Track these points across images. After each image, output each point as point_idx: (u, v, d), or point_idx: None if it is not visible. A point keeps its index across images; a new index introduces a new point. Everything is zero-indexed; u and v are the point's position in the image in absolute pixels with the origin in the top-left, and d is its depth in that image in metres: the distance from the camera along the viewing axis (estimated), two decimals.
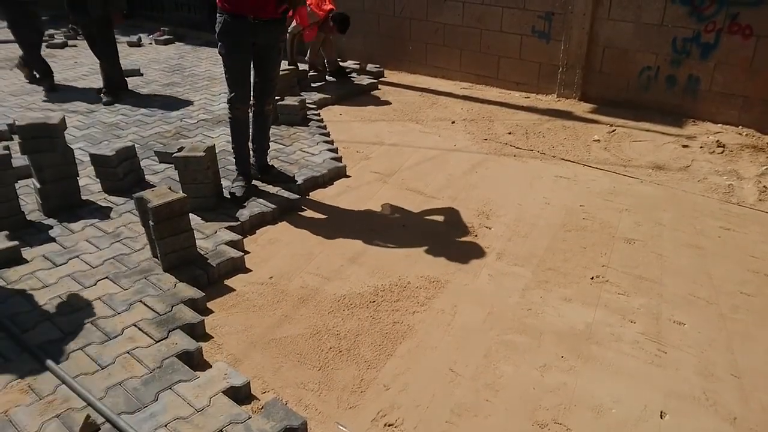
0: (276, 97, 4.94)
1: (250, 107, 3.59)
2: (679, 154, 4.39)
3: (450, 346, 2.50)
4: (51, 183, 3.33)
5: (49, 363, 2.23)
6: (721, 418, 2.13)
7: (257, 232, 3.38)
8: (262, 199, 3.55)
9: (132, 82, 5.99)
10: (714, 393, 2.24)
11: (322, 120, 5.08)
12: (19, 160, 3.54)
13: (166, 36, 8.16)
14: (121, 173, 3.64)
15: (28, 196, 3.55)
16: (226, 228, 3.23)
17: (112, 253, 3.01)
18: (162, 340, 2.39)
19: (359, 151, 4.50)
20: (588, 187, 3.89)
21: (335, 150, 4.40)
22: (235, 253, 3.02)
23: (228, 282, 2.92)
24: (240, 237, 3.20)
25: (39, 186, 3.32)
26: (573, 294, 2.82)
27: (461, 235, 3.34)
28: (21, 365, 2.26)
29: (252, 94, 3.58)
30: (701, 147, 4.45)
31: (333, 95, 5.68)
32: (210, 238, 3.14)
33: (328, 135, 4.72)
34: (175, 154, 3.36)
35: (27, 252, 3.00)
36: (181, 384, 2.16)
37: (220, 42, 3.33)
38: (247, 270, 3.02)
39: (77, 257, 2.97)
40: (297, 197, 3.65)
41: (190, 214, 2.91)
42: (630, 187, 3.89)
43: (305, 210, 3.63)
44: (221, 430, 1.97)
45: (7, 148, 3.23)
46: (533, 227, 3.41)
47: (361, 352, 2.46)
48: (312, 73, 6.13)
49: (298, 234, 3.37)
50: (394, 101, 5.72)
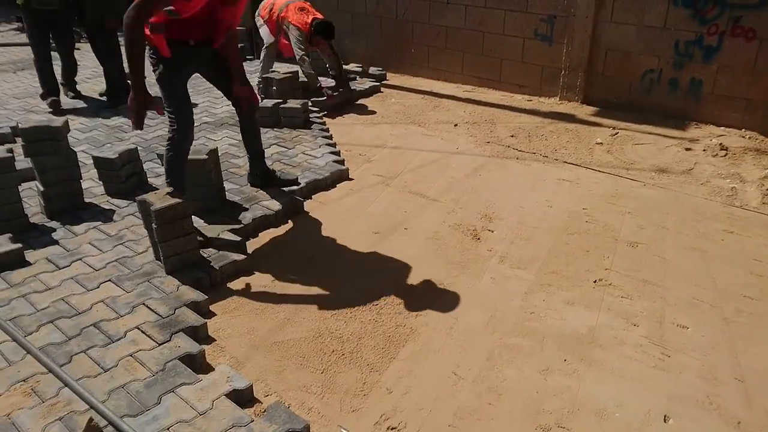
0: (278, 100, 4.98)
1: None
2: (682, 157, 4.38)
3: (453, 349, 2.49)
4: (54, 186, 3.34)
5: (52, 366, 2.24)
6: (725, 421, 2.13)
7: (260, 234, 3.38)
8: (265, 202, 3.56)
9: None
10: (718, 397, 2.23)
11: (324, 123, 5.08)
12: (23, 162, 3.55)
13: None
14: (124, 176, 3.65)
15: (31, 198, 3.56)
16: (228, 230, 3.23)
17: (114, 256, 3.02)
18: (165, 342, 2.40)
19: (362, 154, 4.50)
20: (591, 190, 3.89)
21: (338, 153, 4.40)
22: (238, 256, 3.03)
23: (231, 285, 2.92)
24: (243, 239, 3.20)
25: (42, 189, 3.33)
26: (576, 297, 2.82)
27: (464, 238, 3.33)
28: (24, 368, 2.26)
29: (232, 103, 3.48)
30: (704, 150, 4.45)
31: (337, 101, 5.59)
32: (213, 240, 3.14)
33: (330, 138, 4.72)
34: None
35: (30, 254, 3.01)
36: (184, 387, 2.16)
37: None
38: (250, 273, 3.02)
39: (80, 260, 2.98)
40: (300, 200, 3.65)
41: (192, 216, 2.92)
42: (633, 190, 3.88)
43: (308, 213, 3.63)
44: None
45: (11, 150, 3.23)
46: (536, 230, 3.40)
47: (364, 355, 2.46)
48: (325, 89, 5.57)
49: (300, 237, 3.38)
50: (396, 104, 5.72)
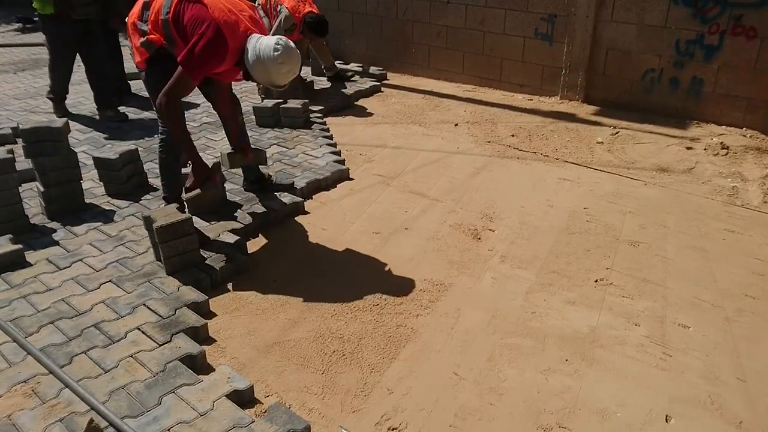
0: (278, 100, 4.97)
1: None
2: (683, 156, 4.37)
3: (453, 349, 2.49)
4: (54, 186, 3.33)
5: (53, 367, 2.23)
6: (727, 421, 2.12)
7: (260, 234, 3.38)
8: (265, 202, 3.55)
9: (135, 85, 6.00)
10: (719, 396, 2.23)
11: (325, 123, 5.08)
12: (23, 163, 3.55)
13: None
14: (125, 176, 3.65)
15: (31, 199, 3.56)
16: (229, 231, 3.23)
17: (115, 257, 3.01)
18: (165, 343, 2.39)
19: (362, 154, 4.50)
20: (591, 190, 3.88)
21: (338, 153, 4.40)
22: (238, 257, 3.02)
23: (231, 285, 2.92)
24: (243, 239, 3.20)
25: (42, 189, 3.33)
26: (577, 297, 2.81)
27: (464, 238, 3.33)
28: (24, 369, 2.26)
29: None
30: (705, 149, 4.44)
31: (335, 102, 5.55)
32: (214, 241, 3.14)
33: (331, 138, 4.72)
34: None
35: (30, 255, 3.01)
36: (185, 388, 2.16)
37: None
38: (251, 273, 3.01)
39: (81, 260, 2.98)
40: (300, 200, 3.65)
41: (193, 217, 2.91)
42: (634, 190, 3.88)
43: (308, 213, 3.63)
44: None
45: (11, 151, 3.23)
46: (536, 230, 3.40)
47: (365, 355, 2.46)
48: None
49: (301, 237, 3.37)
50: (396, 104, 5.72)
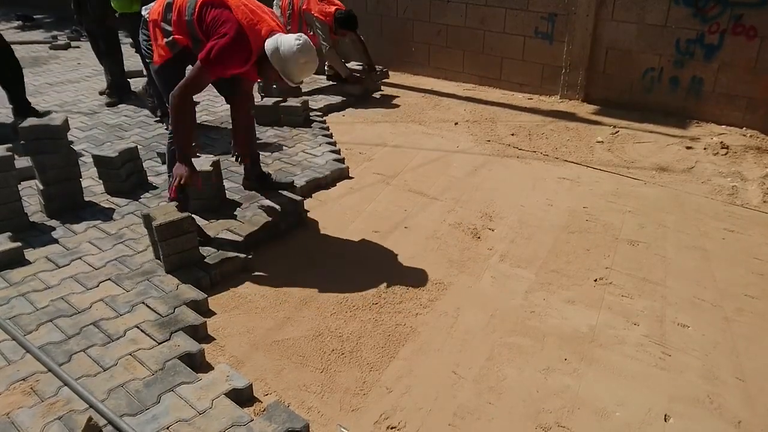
0: (278, 98, 4.97)
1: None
2: (683, 155, 4.37)
3: (453, 348, 2.49)
4: (54, 184, 3.33)
5: (52, 365, 2.23)
6: (726, 421, 2.12)
7: (260, 233, 3.37)
8: (264, 201, 3.55)
9: (135, 83, 6.00)
10: (718, 396, 2.23)
11: (324, 121, 5.07)
12: (22, 161, 3.55)
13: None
14: (124, 175, 3.64)
15: (31, 197, 3.56)
16: (228, 230, 3.23)
17: (114, 255, 3.01)
18: (164, 341, 2.39)
19: (362, 153, 4.49)
20: (591, 189, 3.88)
21: (338, 151, 4.40)
22: (237, 255, 3.02)
23: (230, 284, 2.91)
24: (242, 238, 3.19)
25: (42, 187, 3.32)
26: (576, 296, 2.81)
27: (464, 237, 3.33)
28: (23, 367, 2.26)
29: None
30: (705, 148, 4.44)
31: (338, 101, 5.56)
32: (212, 239, 3.13)
33: (330, 136, 4.72)
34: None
35: (30, 253, 3.00)
36: (184, 386, 2.16)
37: None
38: (250, 271, 3.01)
39: (80, 259, 2.98)
40: (300, 198, 3.64)
41: (192, 215, 2.91)
42: (633, 189, 3.88)
43: (308, 211, 3.62)
44: None
45: (11, 149, 3.23)
46: (536, 229, 3.40)
47: (364, 354, 2.46)
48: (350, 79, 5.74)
49: (300, 235, 3.37)
50: (396, 103, 5.71)
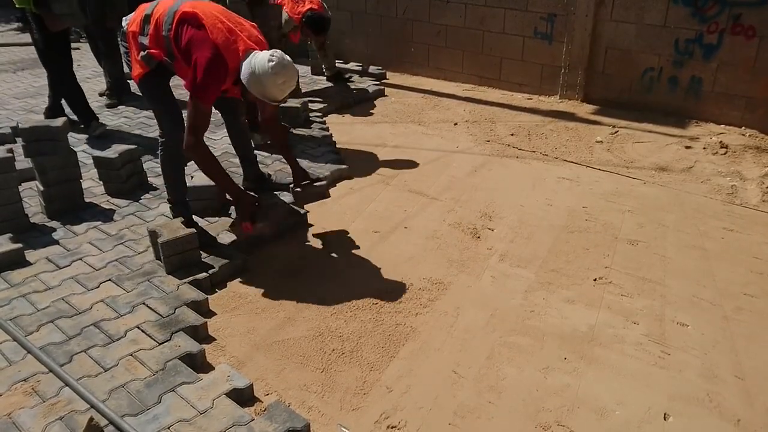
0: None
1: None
2: (682, 155, 4.38)
3: (453, 348, 2.50)
4: (54, 185, 3.34)
5: (53, 365, 2.24)
6: (725, 419, 2.13)
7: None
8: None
9: (134, 85, 6.00)
10: (718, 395, 2.23)
11: (324, 122, 5.08)
12: (23, 162, 3.55)
13: None
14: (125, 176, 3.65)
15: (31, 198, 3.56)
16: (228, 230, 3.23)
17: (115, 256, 3.02)
18: (165, 342, 2.40)
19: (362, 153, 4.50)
20: (591, 189, 3.89)
21: (338, 152, 4.41)
22: (238, 255, 3.03)
23: (231, 284, 2.92)
24: (243, 239, 3.20)
25: (42, 188, 3.33)
26: (576, 295, 2.82)
27: (464, 237, 3.33)
28: (24, 367, 2.26)
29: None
30: (704, 148, 4.44)
31: (336, 103, 5.51)
32: (213, 240, 3.13)
33: (330, 137, 4.72)
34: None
35: (30, 254, 3.01)
36: (184, 386, 2.16)
37: None
38: (250, 271, 3.02)
39: (80, 259, 2.98)
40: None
41: (193, 216, 2.92)
42: (633, 189, 3.88)
43: (308, 211, 3.63)
44: None
45: (11, 150, 3.23)
46: (536, 229, 3.40)
47: (364, 354, 2.46)
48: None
49: (301, 236, 3.37)
50: (396, 103, 5.72)
